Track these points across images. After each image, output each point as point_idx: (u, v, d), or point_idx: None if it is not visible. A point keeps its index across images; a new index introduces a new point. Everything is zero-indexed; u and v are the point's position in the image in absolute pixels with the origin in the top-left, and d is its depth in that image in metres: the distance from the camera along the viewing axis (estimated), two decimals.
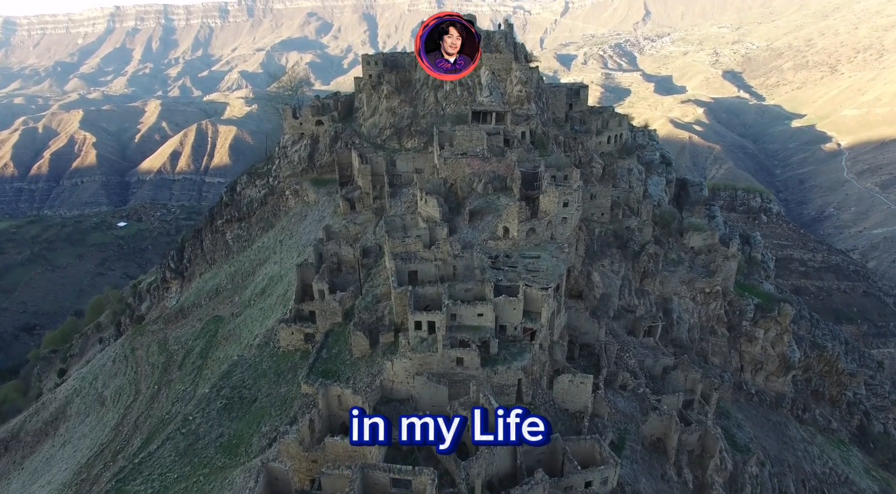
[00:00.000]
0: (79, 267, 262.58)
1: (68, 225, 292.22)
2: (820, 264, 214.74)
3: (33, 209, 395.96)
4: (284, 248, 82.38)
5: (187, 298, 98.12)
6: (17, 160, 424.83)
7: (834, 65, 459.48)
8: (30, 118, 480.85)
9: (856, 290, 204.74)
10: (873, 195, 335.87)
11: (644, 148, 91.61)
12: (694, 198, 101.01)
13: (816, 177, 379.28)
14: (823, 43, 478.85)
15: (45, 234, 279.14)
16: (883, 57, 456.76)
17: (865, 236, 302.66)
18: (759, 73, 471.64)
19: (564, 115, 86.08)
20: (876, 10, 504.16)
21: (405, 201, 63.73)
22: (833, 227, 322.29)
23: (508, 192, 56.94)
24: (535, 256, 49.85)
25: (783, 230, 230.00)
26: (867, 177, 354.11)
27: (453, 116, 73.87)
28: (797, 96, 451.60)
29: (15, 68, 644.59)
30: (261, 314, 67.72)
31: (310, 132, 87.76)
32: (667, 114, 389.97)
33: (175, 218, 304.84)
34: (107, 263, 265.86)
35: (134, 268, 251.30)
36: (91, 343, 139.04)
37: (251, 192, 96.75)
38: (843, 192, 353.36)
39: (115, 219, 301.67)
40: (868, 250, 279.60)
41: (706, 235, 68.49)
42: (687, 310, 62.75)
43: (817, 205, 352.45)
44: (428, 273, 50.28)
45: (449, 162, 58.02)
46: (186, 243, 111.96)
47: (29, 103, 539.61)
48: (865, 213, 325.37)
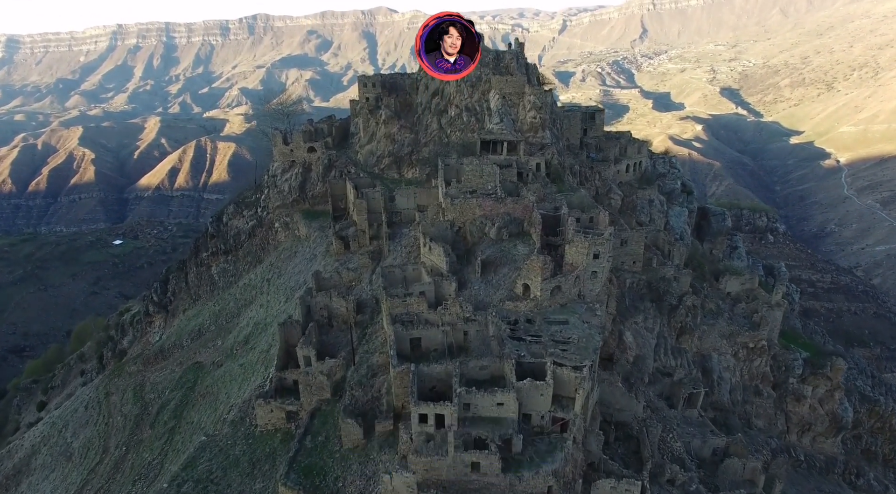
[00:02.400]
0: (72, 287, 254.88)
1: (63, 243, 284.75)
2: (829, 285, 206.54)
3: (31, 225, 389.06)
4: (272, 288, 73.28)
5: (168, 338, 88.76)
6: (15, 176, 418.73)
7: (830, 82, 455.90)
8: (29, 135, 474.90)
9: (866, 312, 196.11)
10: (874, 212, 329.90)
11: (664, 176, 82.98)
12: (716, 228, 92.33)
13: (816, 194, 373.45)
14: (819, 61, 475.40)
15: (38, 253, 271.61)
16: (878, 74, 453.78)
17: (868, 253, 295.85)
18: (757, 89, 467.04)
19: (579, 141, 77.53)
20: (870, 30, 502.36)
21: (406, 245, 54.65)
22: (835, 244, 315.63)
23: (526, 239, 48.03)
24: (561, 321, 40.80)
25: (790, 250, 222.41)
26: (868, 193, 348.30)
27: (459, 145, 65.16)
28: (795, 113, 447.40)
29: (17, 85, 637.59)
30: (241, 372, 58.39)
31: (301, 160, 78.97)
32: (666, 131, 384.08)
33: (172, 235, 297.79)
34: (101, 282, 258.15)
35: (129, 287, 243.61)
36: (73, 374, 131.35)
37: (238, 224, 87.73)
38: (844, 209, 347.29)
39: (111, 236, 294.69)
40: (871, 267, 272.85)
41: (744, 279, 59.49)
42: (728, 368, 53.66)
43: (818, 221, 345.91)
44: (433, 339, 41.19)
45: (457, 203, 49.09)
46: (171, 275, 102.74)
47: (29, 120, 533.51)
48: (867, 230, 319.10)
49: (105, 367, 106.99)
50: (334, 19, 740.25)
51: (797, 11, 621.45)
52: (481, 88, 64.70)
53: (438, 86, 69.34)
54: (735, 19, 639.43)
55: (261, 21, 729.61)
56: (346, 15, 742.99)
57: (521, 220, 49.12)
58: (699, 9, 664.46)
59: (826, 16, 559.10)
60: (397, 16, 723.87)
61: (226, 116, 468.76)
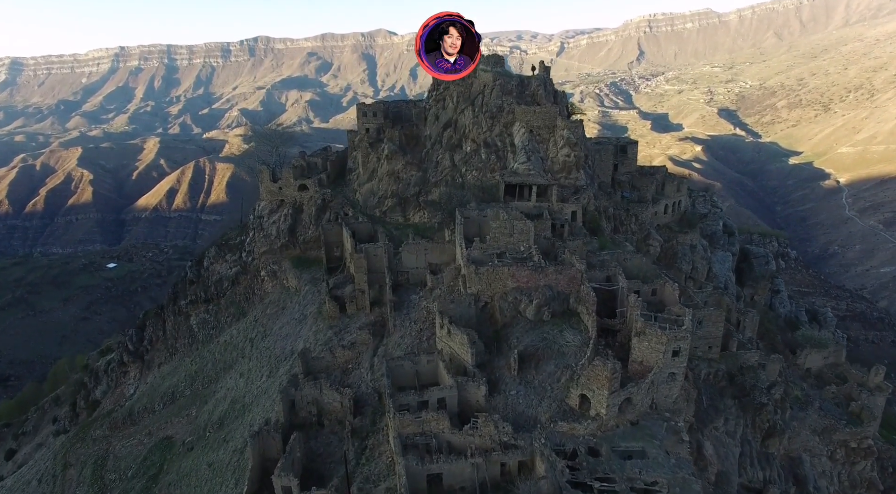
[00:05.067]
0: (62, 312, 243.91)
1: (55, 266, 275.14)
2: (844, 312, 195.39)
3: (26, 246, 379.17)
4: (255, 352, 61.02)
5: (140, 398, 76.08)
6: (12, 197, 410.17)
7: (827, 103, 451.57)
8: (29, 155, 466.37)
9: (884, 340, 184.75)
10: (877, 233, 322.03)
11: (706, 217, 71.44)
12: (759, 271, 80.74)
13: (818, 215, 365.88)
14: (815, 82, 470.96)
15: (29, 277, 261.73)
16: (874, 96, 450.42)
17: (873, 275, 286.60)
18: (754, 110, 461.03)
19: (610, 179, 66.08)
20: (863, 53, 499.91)
21: (416, 319, 42.46)
22: (839, 266, 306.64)
23: (573, 320, 36.20)
24: (637, 451, 28.75)
25: (803, 276, 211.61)
26: (870, 214, 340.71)
27: (476, 188, 53.50)
28: (793, 134, 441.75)
29: (19, 107, 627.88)
30: (208, 475, 45.91)
31: (291, 199, 67.19)
32: (665, 152, 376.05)
33: (167, 258, 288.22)
34: (93, 307, 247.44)
35: (121, 312, 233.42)
36: (46, 420, 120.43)
37: (221, 269, 75.54)
38: (847, 230, 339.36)
39: (105, 259, 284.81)
40: (877, 289, 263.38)
41: (828, 353, 47.44)
42: (824, 474, 41.49)
43: (821, 242, 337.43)
44: (459, 476, 29.01)
45: (483, 273, 37.21)
46: (148, 321, 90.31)
47: (29, 141, 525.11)
48: (871, 252, 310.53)
49: (78, 416, 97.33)
50: (334, 41, 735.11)
51: (791, 34, 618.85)
52: (503, 120, 53.20)
53: (451, 116, 57.87)
54: (730, 42, 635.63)
55: (262, 43, 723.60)
56: (345, 37, 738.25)
57: (565, 295, 37.22)
58: (695, 31, 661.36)
59: (819, 38, 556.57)
60: (396, 38, 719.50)
61: (225, 137, 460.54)
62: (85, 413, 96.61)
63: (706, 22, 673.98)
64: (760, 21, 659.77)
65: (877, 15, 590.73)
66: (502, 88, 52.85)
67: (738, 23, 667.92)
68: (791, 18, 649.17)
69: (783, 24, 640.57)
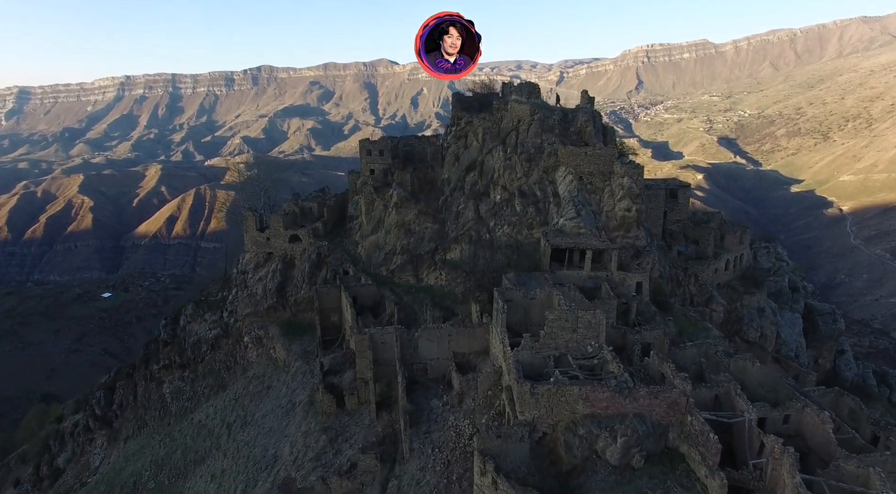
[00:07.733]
0: (52, 344, 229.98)
1: (48, 296, 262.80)
2: (868, 349, 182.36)
3: (23, 274, 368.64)
4: (233, 445, 48.38)
5: (97, 486, 62.85)
6: (11, 224, 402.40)
7: (825, 132, 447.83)
8: (31, 182, 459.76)
9: None
10: (884, 261, 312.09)
11: (771, 273, 59.59)
12: (824, 331, 68.79)
13: (823, 243, 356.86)
14: (813, 111, 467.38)
15: (20, 307, 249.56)
16: (872, 125, 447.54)
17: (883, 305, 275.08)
18: (754, 139, 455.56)
19: (661, 231, 54.33)
20: (859, 83, 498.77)
21: (441, 445, 29.89)
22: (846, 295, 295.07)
23: (678, 466, 24.08)
24: None
25: None
26: (876, 242, 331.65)
27: (508, 247, 41.65)
28: (793, 162, 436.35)
29: (24, 134, 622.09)
30: None
31: (281, 252, 55.30)
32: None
33: (164, 287, 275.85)
34: (85, 339, 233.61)
35: (114, 344, 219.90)
36: (10, 481, 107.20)
37: (199, 329, 63.16)
38: (853, 259, 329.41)
39: (101, 288, 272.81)
40: (888, 320, 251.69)
41: None
42: None
43: (827, 271, 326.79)
44: None
45: (542, 395, 25.03)
46: (118, 383, 77.63)
47: (32, 168, 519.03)
48: (879, 281, 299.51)
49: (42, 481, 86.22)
50: (336, 71, 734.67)
51: (786, 65, 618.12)
52: (543, 164, 41.47)
53: (476, 157, 46.18)
54: (728, 72, 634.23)
55: (265, 72, 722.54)
56: (347, 67, 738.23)
57: (662, 427, 24.98)
58: (692, 61, 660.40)
59: (815, 69, 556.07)
60: (398, 68, 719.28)
61: (227, 164, 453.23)
62: (47, 481, 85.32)
63: (703, 52, 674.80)
64: (756, 52, 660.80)
65: (869, 47, 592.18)
66: (542, 124, 41.33)
67: (734, 53, 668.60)
68: (786, 49, 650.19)
69: (778, 55, 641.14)
